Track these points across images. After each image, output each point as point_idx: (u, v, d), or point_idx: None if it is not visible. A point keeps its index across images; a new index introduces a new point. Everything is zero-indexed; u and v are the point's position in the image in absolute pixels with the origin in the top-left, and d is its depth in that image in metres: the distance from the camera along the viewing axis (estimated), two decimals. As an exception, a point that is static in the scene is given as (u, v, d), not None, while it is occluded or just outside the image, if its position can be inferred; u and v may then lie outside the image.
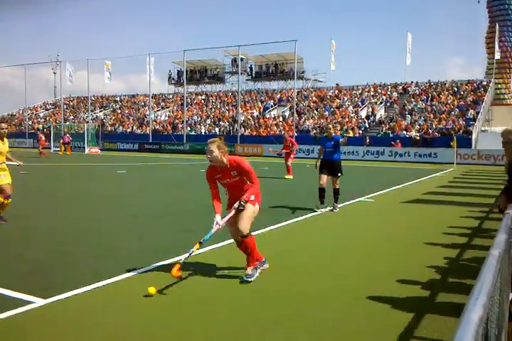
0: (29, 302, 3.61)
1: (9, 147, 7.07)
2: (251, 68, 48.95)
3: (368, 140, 29.47)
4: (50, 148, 31.49)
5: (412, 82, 38.65)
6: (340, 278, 4.47)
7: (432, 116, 31.64)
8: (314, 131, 33.21)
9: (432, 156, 26.38)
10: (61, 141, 32.81)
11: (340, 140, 8.26)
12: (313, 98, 40.04)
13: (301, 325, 3.32)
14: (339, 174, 8.42)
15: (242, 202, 4.32)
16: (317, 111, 37.05)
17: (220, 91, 48.66)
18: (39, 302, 3.64)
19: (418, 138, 28.55)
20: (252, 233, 6.36)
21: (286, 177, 14.84)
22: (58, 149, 33.22)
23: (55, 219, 7.57)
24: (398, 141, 28.54)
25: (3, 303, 3.59)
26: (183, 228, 6.76)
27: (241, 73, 41.37)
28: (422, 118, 31.67)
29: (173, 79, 51.47)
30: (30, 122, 48.62)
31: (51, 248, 5.52)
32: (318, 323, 3.37)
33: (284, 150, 15.44)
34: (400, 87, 38.20)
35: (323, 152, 8.52)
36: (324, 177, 8.38)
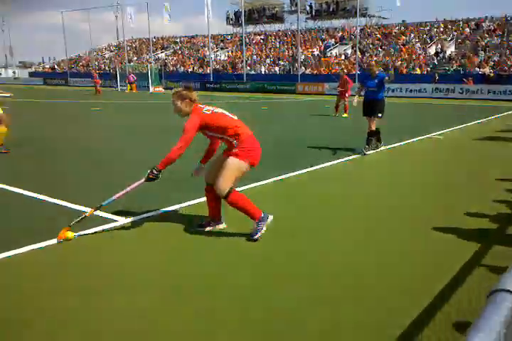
0: (113, 221, 4.17)
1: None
2: (311, 6, 47.01)
3: (437, 77, 28.21)
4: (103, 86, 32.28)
5: (486, 16, 35.82)
6: (410, 210, 4.63)
7: (507, 52, 29.55)
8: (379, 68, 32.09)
9: (507, 93, 24.99)
10: (126, 80, 34.05)
11: (386, 78, 7.43)
12: (378, 35, 38.25)
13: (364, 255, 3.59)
14: (380, 115, 7.57)
15: (154, 170, 3.59)
16: (382, 48, 35.53)
17: (279, 30, 47.43)
18: (121, 221, 4.17)
19: (492, 74, 26.98)
20: (295, 172, 6.26)
21: (344, 115, 14.57)
22: (125, 88, 34.44)
23: (137, 150, 8.17)
24: (470, 78, 27.11)
25: (92, 221, 4.01)
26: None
27: (300, 12, 39.92)
28: (497, 54, 29.68)
29: (231, 19, 50.55)
30: (96, 63, 50.11)
31: (129, 175, 6.04)
32: (383, 254, 3.46)
33: (339, 88, 14.81)
34: (473, 23, 35.59)
35: (366, 91, 7.73)
36: (370, 120, 7.76)
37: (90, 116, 14.86)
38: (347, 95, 14.69)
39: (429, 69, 30.40)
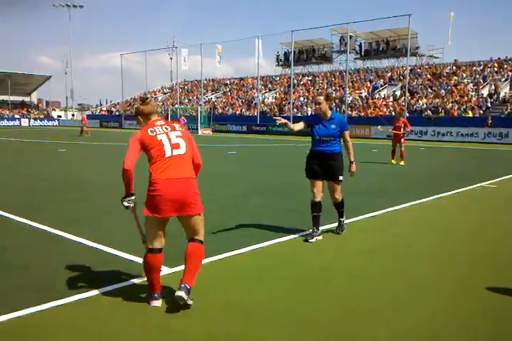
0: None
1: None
2: (360, 46, 47.27)
3: (490, 121, 27.04)
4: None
5: (545, 55, 34.37)
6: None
7: None
8: (428, 111, 31.29)
9: None
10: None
11: (346, 131, 5.08)
12: (428, 76, 37.58)
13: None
14: (341, 178, 5.15)
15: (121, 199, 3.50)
16: (432, 89, 34.77)
17: (327, 71, 47.84)
18: (165, 270, 4.04)
19: (551, 118, 25.49)
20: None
21: (401, 163, 13.43)
22: (174, 131, 35.61)
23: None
24: (526, 121, 25.78)
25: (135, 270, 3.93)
26: (287, 208, 6.87)
27: (349, 52, 40.16)
28: (557, 95, 28.16)
29: (280, 60, 51.73)
30: (149, 105, 52.37)
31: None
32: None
33: (395, 131, 13.73)
34: (531, 61, 34.22)
35: (315, 140, 5.12)
36: (319, 185, 5.14)
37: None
38: (403, 140, 13.65)
39: (481, 111, 29.27)
